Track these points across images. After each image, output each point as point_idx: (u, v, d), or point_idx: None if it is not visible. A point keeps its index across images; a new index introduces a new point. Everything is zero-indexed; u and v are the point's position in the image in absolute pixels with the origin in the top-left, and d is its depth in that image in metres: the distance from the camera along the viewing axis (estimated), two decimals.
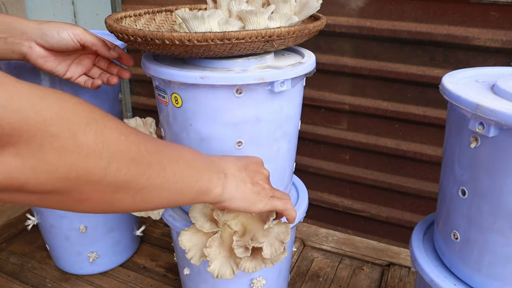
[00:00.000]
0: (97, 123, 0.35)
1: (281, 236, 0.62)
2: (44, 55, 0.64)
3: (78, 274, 1.04)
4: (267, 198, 0.56)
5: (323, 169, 1.44)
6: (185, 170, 0.46)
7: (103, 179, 0.36)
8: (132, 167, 0.38)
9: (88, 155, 0.33)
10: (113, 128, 0.37)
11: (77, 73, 0.70)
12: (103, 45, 0.67)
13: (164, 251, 1.14)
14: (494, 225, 0.52)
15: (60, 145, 0.31)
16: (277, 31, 0.57)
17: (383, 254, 1.11)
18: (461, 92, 0.51)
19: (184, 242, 0.64)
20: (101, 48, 0.67)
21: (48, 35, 0.62)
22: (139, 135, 0.41)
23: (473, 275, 0.57)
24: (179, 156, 0.46)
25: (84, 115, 0.34)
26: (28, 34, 0.62)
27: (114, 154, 0.36)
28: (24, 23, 0.62)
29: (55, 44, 0.63)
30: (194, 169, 0.47)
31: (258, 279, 0.78)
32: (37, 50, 0.63)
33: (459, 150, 0.55)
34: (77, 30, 0.64)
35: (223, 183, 0.51)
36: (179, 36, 0.54)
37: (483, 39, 1.10)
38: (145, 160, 0.40)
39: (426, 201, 1.32)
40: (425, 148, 1.27)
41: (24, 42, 0.62)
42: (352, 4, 1.22)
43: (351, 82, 1.30)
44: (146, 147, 0.40)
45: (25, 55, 0.63)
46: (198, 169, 0.48)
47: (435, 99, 1.20)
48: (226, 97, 0.62)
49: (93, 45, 0.66)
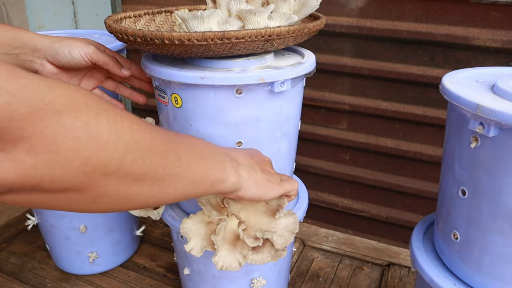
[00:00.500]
0: (108, 113, 0.34)
1: (290, 227, 0.62)
2: (56, 72, 0.64)
3: (78, 274, 1.04)
4: (278, 184, 0.57)
5: (323, 169, 1.44)
6: (199, 159, 0.45)
7: (119, 171, 0.35)
8: (147, 157, 0.37)
9: (103, 147, 0.33)
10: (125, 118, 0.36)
11: (90, 87, 0.70)
12: (115, 63, 0.66)
13: (164, 251, 1.14)
14: (494, 225, 0.52)
15: (74, 136, 0.31)
16: (276, 30, 0.57)
17: (383, 254, 1.11)
18: (461, 92, 0.51)
19: (186, 230, 0.63)
20: (113, 68, 0.66)
21: (60, 54, 0.62)
22: (151, 125, 0.41)
23: (473, 275, 0.57)
24: (191, 145, 0.46)
25: (94, 106, 0.33)
26: (41, 52, 0.62)
27: (129, 144, 0.35)
28: (37, 39, 0.62)
29: (66, 63, 0.63)
30: (207, 158, 0.47)
31: (258, 279, 0.78)
32: (49, 68, 0.63)
33: (459, 150, 0.55)
34: (89, 49, 0.63)
35: (236, 171, 0.51)
36: (179, 35, 0.54)
37: (483, 39, 1.10)
38: (160, 149, 0.39)
39: (426, 201, 1.32)
40: (425, 148, 1.27)
41: (36, 60, 0.62)
42: (352, 4, 1.22)
43: (351, 82, 1.30)
44: (160, 135, 0.40)
45: (37, 72, 0.63)
46: (211, 158, 0.48)
47: (435, 99, 1.20)
48: (226, 97, 0.62)
49: (105, 64, 0.65)
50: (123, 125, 0.35)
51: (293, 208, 0.80)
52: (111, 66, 0.66)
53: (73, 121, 0.31)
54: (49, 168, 0.30)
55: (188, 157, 0.43)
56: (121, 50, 0.93)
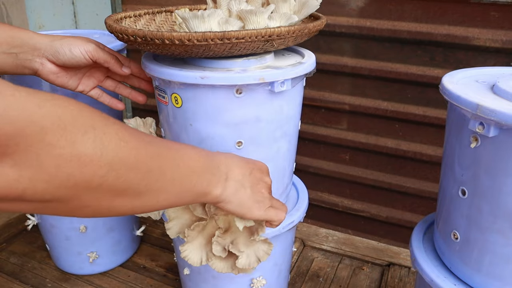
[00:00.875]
0: (96, 131, 0.34)
1: (260, 254, 0.62)
2: (56, 71, 0.63)
3: (78, 274, 1.04)
4: (264, 208, 0.55)
5: (323, 169, 1.44)
6: (185, 175, 0.46)
7: (101, 186, 0.35)
8: (131, 174, 0.38)
9: (86, 164, 0.33)
10: (113, 134, 0.36)
11: (89, 86, 0.69)
12: (115, 62, 0.66)
13: (164, 251, 1.14)
14: (494, 225, 0.52)
15: (57, 154, 0.31)
16: (277, 30, 0.57)
17: (383, 254, 1.11)
18: (461, 92, 0.51)
19: (169, 212, 0.64)
20: (113, 66, 0.66)
21: (60, 52, 0.61)
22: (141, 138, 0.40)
23: (473, 275, 0.57)
24: (180, 158, 0.46)
25: (82, 123, 0.33)
26: (40, 50, 0.61)
27: (113, 161, 0.35)
28: (36, 38, 0.61)
29: (67, 61, 0.62)
30: (194, 173, 0.47)
31: (258, 279, 0.78)
32: (49, 67, 0.62)
33: (459, 150, 0.55)
34: (89, 47, 0.63)
35: (223, 185, 0.51)
36: (179, 35, 0.54)
37: (483, 39, 1.10)
38: (145, 166, 0.39)
39: (426, 201, 1.32)
40: (425, 148, 1.27)
41: (36, 59, 0.61)
42: (352, 4, 1.22)
43: (351, 82, 1.30)
44: (147, 151, 0.40)
45: (37, 71, 0.63)
46: (199, 173, 0.48)
47: (435, 99, 1.20)
48: (226, 97, 0.62)
49: (105, 62, 0.65)
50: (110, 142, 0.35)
51: (293, 208, 0.80)
52: (111, 64, 0.65)
53: (58, 139, 0.31)
54: (32, 182, 0.31)
55: (173, 172, 0.44)
56: (121, 50, 0.93)
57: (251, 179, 0.54)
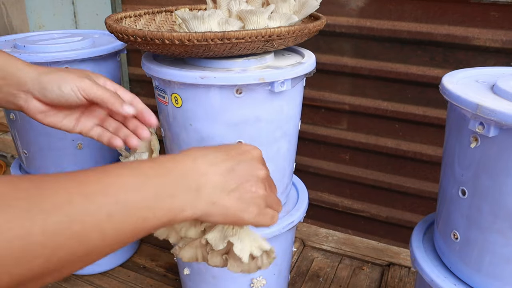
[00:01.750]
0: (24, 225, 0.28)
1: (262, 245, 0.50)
2: (44, 110, 0.54)
3: (78, 274, 1.04)
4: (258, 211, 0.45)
5: (323, 169, 1.44)
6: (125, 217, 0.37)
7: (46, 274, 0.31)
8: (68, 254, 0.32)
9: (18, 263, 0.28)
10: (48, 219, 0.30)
11: (88, 126, 0.57)
12: (115, 100, 0.53)
13: (164, 251, 1.14)
14: (494, 225, 0.52)
15: None
16: (277, 30, 0.57)
17: (383, 254, 1.11)
18: (461, 92, 0.51)
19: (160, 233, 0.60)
20: (113, 105, 0.53)
21: (48, 89, 0.52)
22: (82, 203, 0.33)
23: (473, 275, 0.57)
24: (112, 199, 0.36)
25: None
26: (26, 86, 0.52)
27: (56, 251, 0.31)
28: (24, 70, 0.53)
29: (55, 99, 0.53)
30: (141, 208, 0.37)
31: (258, 279, 0.78)
32: (35, 105, 0.53)
33: (459, 150, 0.55)
34: (83, 84, 0.52)
35: (193, 201, 0.40)
36: (179, 36, 0.54)
37: (483, 39, 1.10)
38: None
39: (426, 201, 1.32)
40: (425, 148, 1.27)
41: (21, 94, 0.53)
42: (352, 4, 1.22)
43: (351, 82, 1.30)
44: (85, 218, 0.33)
45: (21, 108, 0.54)
46: (149, 206, 0.38)
47: (435, 99, 1.20)
48: (226, 97, 0.62)
49: (103, 102, 0.53)
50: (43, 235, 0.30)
51: (293, 208, 0.80)
52: (110, 104, 0.53)
53: None
54: None
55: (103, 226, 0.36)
56: (121, 50, 0.93)
57: (236, 177, 0.43)
